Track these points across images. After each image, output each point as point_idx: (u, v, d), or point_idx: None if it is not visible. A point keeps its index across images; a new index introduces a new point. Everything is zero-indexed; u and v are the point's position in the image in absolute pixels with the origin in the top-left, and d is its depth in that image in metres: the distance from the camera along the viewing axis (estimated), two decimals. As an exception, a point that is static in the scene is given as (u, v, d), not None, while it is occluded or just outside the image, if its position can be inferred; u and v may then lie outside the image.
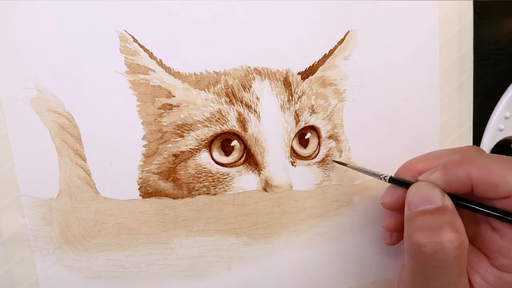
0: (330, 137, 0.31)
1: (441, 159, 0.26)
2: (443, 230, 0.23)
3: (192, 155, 0.29)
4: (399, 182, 0.28)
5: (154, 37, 0.28)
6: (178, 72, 0.28)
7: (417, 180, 0.26)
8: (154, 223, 0.29)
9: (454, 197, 0.24)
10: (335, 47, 0.31)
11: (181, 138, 0.29)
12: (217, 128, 0.29)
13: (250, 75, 0.29)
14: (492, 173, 0.23)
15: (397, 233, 0.30)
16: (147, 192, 0.29)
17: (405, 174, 0.28)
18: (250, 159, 0.30)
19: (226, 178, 0.30)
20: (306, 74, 0.30)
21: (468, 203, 0.24)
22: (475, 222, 0.26)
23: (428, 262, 0.23)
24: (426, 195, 0.24)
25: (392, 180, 0.28)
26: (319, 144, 0.31)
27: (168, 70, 0.28)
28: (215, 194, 0.30)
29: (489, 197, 0.23)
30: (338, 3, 0.30)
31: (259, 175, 0.30)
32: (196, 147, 0.29)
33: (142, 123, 0.28)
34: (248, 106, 0.29)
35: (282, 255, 0.32)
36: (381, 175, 0.29)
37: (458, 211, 0.24)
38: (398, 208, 0.27)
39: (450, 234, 0.22)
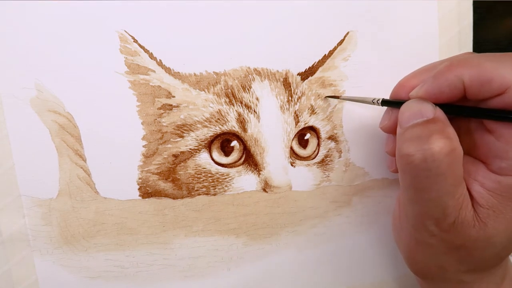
0: (329, 137, 0.31)
1: (434, 70, 0.25)
2: (432, 137, 0.22)
3: (192, 156, 0.29)
4: (392, 103, 0.27)
5: (154, 38, 0.28)
6: (178, 72, 0.28)
7: (409, 98, 0.25)
8: (153, 223, 0.29)
9: (446, 107, 0.23)
10: (335, 48, 0.31)
11: (181, 139, 0.29)
12: (216, 129, 0.29)
13: (250, 75, 0.29)
14: (483, 70, 0.22)
15: None
16: (147, 192, 0.29)
17: (398, 93, 0.27)
18: (249, 160, 0.30)
19: (225, 179, 0.30)
20: (305, 74, 0.30)
21: (462, 109, 0.24)
22: (470, 131, 0.25)
23: (419, 172, 0.22)
24: (417, 110, 0.23)
25: (385, 102, 0.27)
26: (318, 144, 0.31)
27: (168, 70, 0.28)
28: (214, 195, 0.30)
29: (483, 97, 0.22)
30: (338, 3, 0.30)
31: (259, 175, 0.30)
32: (195, 148, 0.29)
33: (142, 123, 0.28)
34: (248, 107, 0.29)
35: (282, 256, 0.32)
36: (373, 99, 0.28)
37: (452, 124, 0.23)
38: None
39: (440, 140, 0.22)
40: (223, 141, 0.29)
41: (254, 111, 0.29)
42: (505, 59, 0.22)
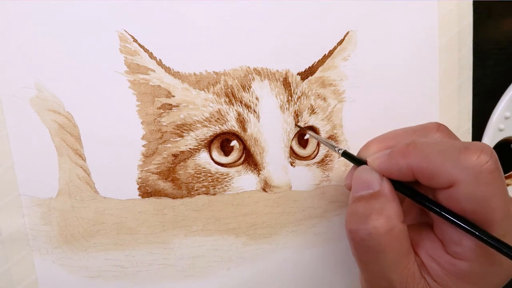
0: (329, 137, 0.31)
1: (397, 140, 0.25)
2: (370, 217, 0.22)
3: (192, 155, 0.29)
4: (351, 158, 0.27)
5: (154, 37, 0.28)
6: (178, 72, 0.28)
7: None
8: (153, 223, 0.29)
9: (398, 183, 0.24)
10: (335, 48, 0.31)
11: (181, 138, 0.29)
12: (216, 128, 0.29)
13: (249, 75, 0.29)
14: (431, 163, 0.22)
15: None
16: (147, 192, 0.29)
17: (363, 153, 0.27)
18: (249, 159, 0.30)
19: (225, 178, 0.30)
20: (305, 74, 0.30)
21: (410, 191, 0.24)
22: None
23: (360, 248, 0.23)
24: (366, 180, 0.24)
25: (344, 154, 0.28)
26: (318, 144, 0.31)
27: (167, 70, 0.28)
28: (214, 194, 0.30)
29: (433, 187, 0.22)
30: (337, 3, 0.30)
31: (258, 175, 0.30)
32: (195, 147, 0.29)
33: (142, 123, 0.28)
34: (248, 106, 0.29)
35: (281, 255, 0.32)
36: (336, 147, 0.28)
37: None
38: None
39: (378, 220, 0.22)
40: (222, 141, 0.29)
41: (254, 110, 0.29)
42: (453, 153, 0.21)
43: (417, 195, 0.23)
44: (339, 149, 0.28)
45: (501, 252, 0.20)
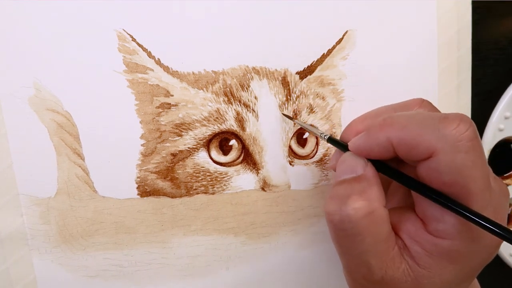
0: (328, 136, 0.31)
1: (378, 118, 0.25)
2: (350, 198, 0.22)
3: (190, 154, 0.29)
4: (336, 143, 0.27)
5: (153, 36, 0.28)
6: (177, 71, 0.28)
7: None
8: (152, 222, 0.29)
9: (379, 164, 0.24)
10: (334, 47, 0.31)
11: (179, 137, 0.29)
12: (215, 127, 0.29)
13: (248, 74, 0.29)
14: (409, 133, 0.21)
15: None
16: (145, 191, 0.29)
17: (346, 135, 0.27)
18: (248, 159, 0.30)
19: (224, 178, 0.30)
20: (304, 73, 0.30)
21: (391, 171, 0.23)
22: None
23: (339, 231, 0.23)
24: (350, 165, 0.24)
25: (330, 140, 0.27)
26: (317, 143, 0.31)
27: (166, 69, 0.28)
28: (213, 194, 0.30)
29: (412, 160, 0.22)
30: (336, 2, 0.30)
31: (257, 174, 0.30)
32: (194, 146, 0.29)
33: (140, 122, 0.28)
34: (246, 106, 0.29)
35: (280, 255, 0.32)
36: (321, 133, 0.28)
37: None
38: None
39: (357, 202, 0.22)
40: (221, 140, 0.29)
41: (253, 110, 0.29)
42: (431, 123, 0.21)
43: (398, 174, 0.23)
44: (325, 135, 0.28)
45: (481, 226, 0.20)
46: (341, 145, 0.26)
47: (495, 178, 0.23)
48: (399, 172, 0.23)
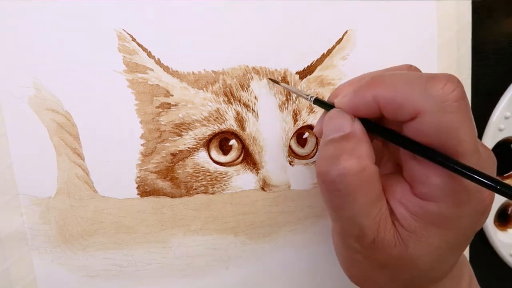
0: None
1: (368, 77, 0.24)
2: (341, 157, 0.22)
3: (190, 154, 0.29)
4: (322, 104, 0.26)
5: (153, 36, 0.28)
6: (177, 71, 0.28)
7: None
8: (152, 222, 0.29)
9: (366, 122, 0.23)
10: (333, 47, 0.31)
11: (179, 137, 0.29)
12: (215, 127, 0.29)
13: (248, 74, 0.29)
14: (396, 92, 0.21)
15: None
16: (145, 191, 0.29)
17: (333, 96, 0.26)
18: (248, 158, 0.30)
19: (224, 177, 0.30)
20: (304, 73, 0.30)
21: (378, 128, 0.23)
22: (398, 150, 0.24)
23: (331, 192, 0.22)
24: (336, 123, 0.23)
25: (316, 101, 0.27)
26: (317, 143, 0.31)
27: (166, 69, 0.28)
28: (213, 193, 0.30)
29: (398, 120, 0.21)
30: (336, 2, 0.30)
31: (257, 174, 0.30)
32: (194, 146, 0.29)
33: (140, 122, 0.28)
34: (246, 106, 0.29)
35: (280, 255, 0.32)
36: (308, 95, 0.28)
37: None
38: None
39: (349, 161, 0.21)
40: (221, 140, 0.29)
41: (253, 109, 0.29)
42: (419, 82, 0.21)
43: (385, 131, 0.23)
44: (311, 97, 0.27)
45: (470, 178, 0.19)
46: (328, 106, 0.25)
47: (483, 145, 0.23)
48: (386, 129, 0.23)
